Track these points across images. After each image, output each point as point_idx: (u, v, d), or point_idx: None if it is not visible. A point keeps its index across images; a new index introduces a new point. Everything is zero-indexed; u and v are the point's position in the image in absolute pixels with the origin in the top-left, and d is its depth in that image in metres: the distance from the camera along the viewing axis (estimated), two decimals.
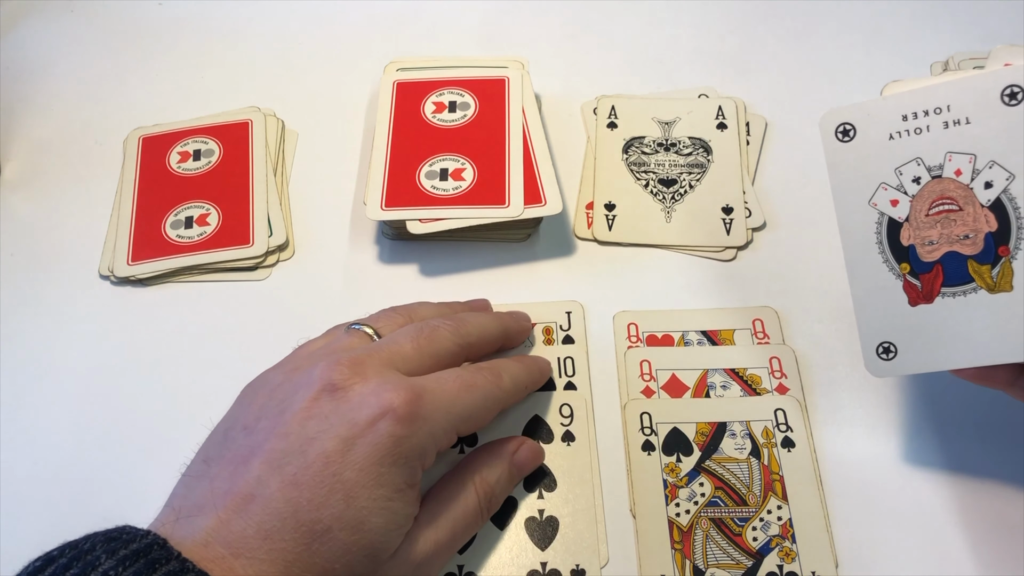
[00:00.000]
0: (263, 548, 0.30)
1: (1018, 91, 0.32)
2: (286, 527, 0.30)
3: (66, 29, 0.61)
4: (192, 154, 0.53)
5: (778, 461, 0.40)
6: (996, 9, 0.58)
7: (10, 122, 0.56)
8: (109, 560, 0.28)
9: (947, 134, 0.33)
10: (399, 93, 0.52)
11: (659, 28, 0.59)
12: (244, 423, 0.34)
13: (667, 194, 0.50)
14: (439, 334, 0.37)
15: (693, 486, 0.39)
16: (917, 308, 0.34)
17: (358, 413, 0.32)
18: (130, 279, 0.48)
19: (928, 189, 0.34)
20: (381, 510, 0.31)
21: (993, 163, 0.32)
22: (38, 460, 0.43)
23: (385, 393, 0.32)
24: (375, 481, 0.31)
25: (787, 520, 0.38)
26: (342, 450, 0.31)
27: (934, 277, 0.34)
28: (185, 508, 0.32)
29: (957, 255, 0.33)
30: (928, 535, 0.38)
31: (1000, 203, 0.33)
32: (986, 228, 0.33)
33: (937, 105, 0.33)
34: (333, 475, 0.31)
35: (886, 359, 0.35)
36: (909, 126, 0.33)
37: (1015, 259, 0.32)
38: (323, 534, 0.30)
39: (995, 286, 0.33)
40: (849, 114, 0.34)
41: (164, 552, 0.28)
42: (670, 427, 0.41)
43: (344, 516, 0.30)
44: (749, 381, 0.42)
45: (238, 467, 0.32)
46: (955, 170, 0.33)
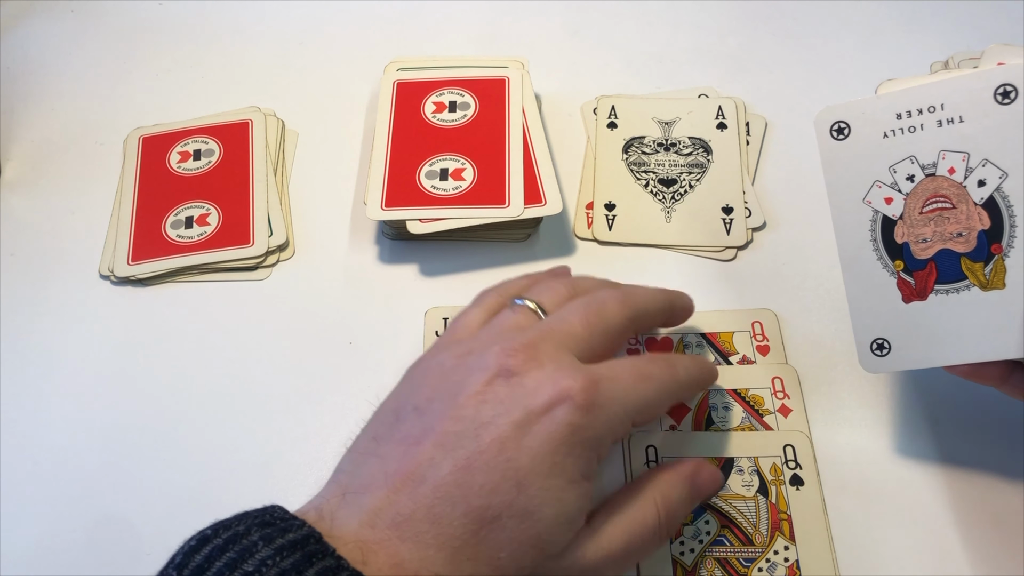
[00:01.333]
0: (431, 532, 0.29)
1: (1011, 90, 0.32)
2: (456, 512, 0.29)
3: (66, 29, 0.61)
4: (192, 154, 0.53)
5: (786, 500, 0.39)
6: (996, 9, 0.58)
7: (10, 122, 0.56)
8: (266, 548, 0.27)
9: (941, 132, 0.33)
10: (399, 93, 0.52)
11: (659, 28, 0.59)
12: (415, 404, 0.33)
13: (667, 194, 0.50)
14: (608, 309, 0.35)
15: (699, 524, 0.39)
16: (911, 305, 0.34)
17: (534, 399, 0.31)
18: (130, 279, 0.48)
19: (922, 187, 0.34)
20: (554, 500, 0.30)
21: (986, 161, 0.32)
22: (38, 460, 0.43)
23: (562, 380, 0.31)
24: (549, 470, 0.30)
25: (794, 562, 0.38)
26: (517, 436, 0.30)
27: (928, 274, 0.34)
28: (353, 485, 0.31)
29: (950, 253, 0.34)
30: (942, 568, 0.38)
31: (993, 201, 0.33)
32: (979, 226, 0.33)
33: (931, 104, 0.33)
34: (507, 461, 0.30)
35: (880, 355, 0.35)
36: (903, 124, 0.34)
37: (1008, 257, 0.32)
38: (492, 521, 0.29)
39: (988, 283, 0.33)
40: (844, 112, 0.35)
41: (320, 546, 0.28)
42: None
43: (515, 504, 0.29)
44: (751, 402, 0.42)
45: (409, 447, 0.31)
46: (948, 168, 0.33)
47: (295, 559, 0.27)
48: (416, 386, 0.34)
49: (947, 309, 0.34)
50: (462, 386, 0.32)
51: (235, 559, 0.27)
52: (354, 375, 0.44)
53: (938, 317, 0.34)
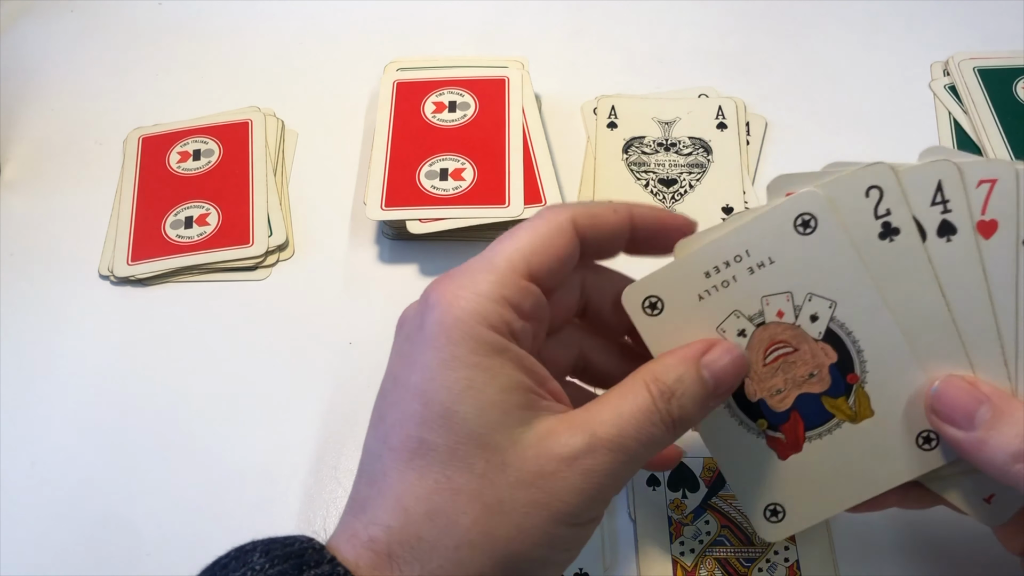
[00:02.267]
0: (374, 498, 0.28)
1: (809, 218, 0.30)
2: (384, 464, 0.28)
3: (66, 29, 0.61)
4: (192, 154, 0.53)
5: None
6: (996, 9, 0.58)
7: (10, 122, 0.56)
8: (262, 558, 0.27)
9: (755, 279, 0.31)
10: (399, 93, 0.52)
11: (659, 28, 0.59)
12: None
13: (667, 194, 0.50)
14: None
15: (699, 524, 0.39)
16: (790, 460, 0.32)
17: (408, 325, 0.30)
18: (130, 279, 0.48)
19: (756, 339, 0.32)
20: (462, 390, 0.27)
21: (811, 295, 0.31)
22: (38, 460, 0.43)
23: (424, 294, 0.30)
24: (441, 368, 0.28)
25: (794, 562, 0.38)
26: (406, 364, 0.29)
27: (794, 425, 0.32)
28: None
29: (809, 396, 0.32)
30: (940, 571, 0.38)
31: (832, 332, 0.31)
32: (827, 361, 0.31)
33: (736, 253, 0.31)
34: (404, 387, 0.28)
35: (777, 521, 0.33)
36: (715, 281, 0.31)
37: (866, 383, 0.31)
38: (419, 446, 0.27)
39: (857, 415, 0.31)
40: (650, 286, 0.32)
41: (317, 555, 0.27)
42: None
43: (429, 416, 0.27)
44: None
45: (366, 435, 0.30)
46: (777, 312, 0.31)
47: (286, 567, 0.26)
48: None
49: (828, 453, 0.32)
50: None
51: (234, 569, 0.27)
52: (354, 375, 0.44)
53: (821, 464, 0.32)
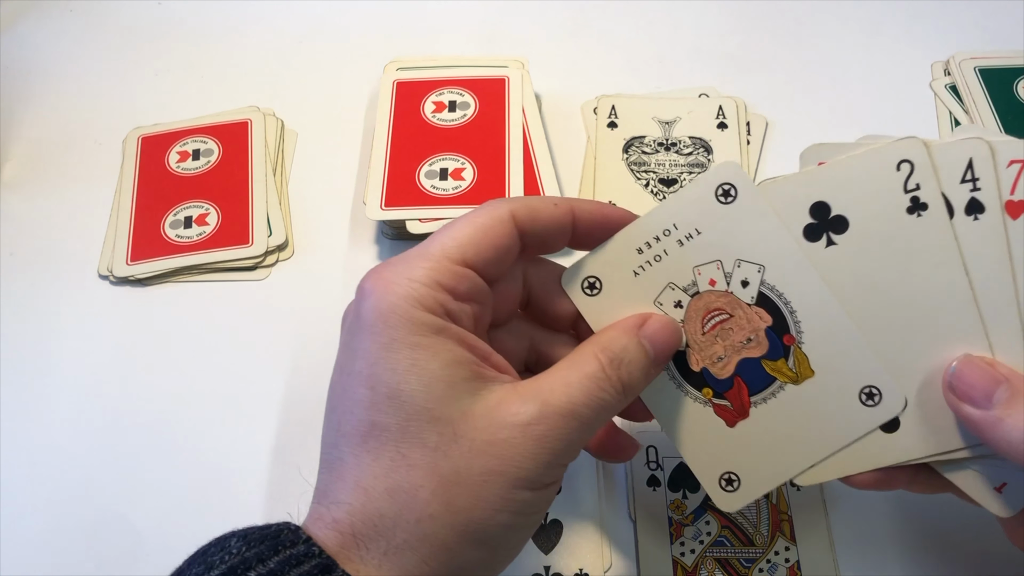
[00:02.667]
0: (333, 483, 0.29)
1: (728, 187, 0.31)
2: (340, 451, 0.29)
3: (66, 29, 0.61)
4: (191, 154, 0.53)
5: (787, 500, 0.39)
6: (996, 9, 0.58)
7: (10, 122, 0.56)
8: (239, 542, 0.27)
9: (685, 251, 0.32)
10: (399, 93, 0.52)
11: (659, 28, 0.59)
12: None
13: (667, 194, 0.50)
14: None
15: (699, 524, 0.39)
16: (738, 427, 0.33)
17: (347, 318, 0.31)
18: (129, 279, 0.48)
19: (693, 308, 0.32)
20: (405, 370, 0.28)
21: (740, 261, 0.31)
22: (38, 460, 0.43)
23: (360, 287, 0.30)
24: (382, 352, 0.28)
25: (795, 562, 0.38)
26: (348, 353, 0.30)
27: (739, 391, 0.32)
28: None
29: (750, 361, 0.32)
30: (942, 569, 0.38)
31: (764, 296, 0.31)
32: (763, 324, 0.32)
33: (664, 227, 0.32)
34: (349, 375, 0.29)
35: (733, 490, 0.33)
36: (647, 256, 0.32)
37: (803, 344, 0.31)
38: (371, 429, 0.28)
39: (798, 376, 0.32)
40: (587, 268, 0.33)
41: (293, 536, 0.27)
42: (677, 462, 0.40)
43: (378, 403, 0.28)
44: None
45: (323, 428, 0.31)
46: (709, 280, 0.32)
47: (262, 548, 0.27)
48: None
49: (775, 417, 0.32)
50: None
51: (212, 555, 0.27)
52: None
53: (770, 428, 0.32)
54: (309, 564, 0.26)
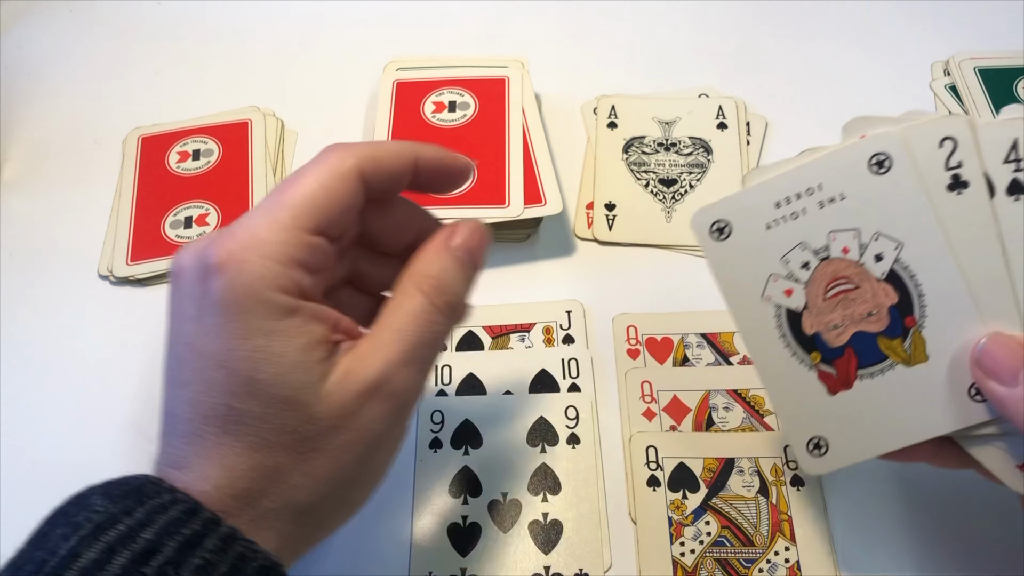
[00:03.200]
0: (193, 457, 0.28)
1: (884, 158, 0.30)
2: (198, 428, 0.28)
3: (66, 29, 0.61)
4: (191, 154, 0.53)
5: (787, 500, 0.39)
6: (996, 9, 0.58)
7: (10, 122, 0.56)
8: (102, 499, 0.27)
9: (824, 213, 0.31)
10: (399, 93, 0.52)
11: (659, 28, 0.59)
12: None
13: (667, 194, 0.50)
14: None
15: (699, 524, 0.39)
16: (838, 396, 0.32)
17: (191, 287, 0.29)
18: (129, 279, 0.48)
19: (819, 272, 0.32)
20: (262, 356, 0.28)
21: (878, 234, 0.31)
22: (38, 460, 0.43)
23: (199, 255, 0.29)
24: (237, 335, 0.28)
25: (795, 562, 0.38)
26: (198, 329, 0.29)
27: (847, 361, 0.32)
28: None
29: (865, 334, 0.32)
30: (942, 569, 0.38)
31: (895, 274, 0.31)
32: (887, 301, 0.31)
33: (808, 186, 0.31)
34: (202, 356, 0.28)
35: (819, 455, 0.33)
36: (784, 212, 0.32)
37: (923, 328, 0.31)
38: (228, 414, 0.28)
39: (911, 358, 0.31)
40: (720, 211, 0.33)
41: (155, 487, 0.28)
42: (676, 462, 0.40)
43: (233, 385, 0.28)
44: (752, 402, 0.42)
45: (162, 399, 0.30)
46: (842, 248, 0.31)
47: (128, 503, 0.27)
48: None
49: (876, 393, 0.32)
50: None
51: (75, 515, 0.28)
52: None
53: (869, 403, 0.32)
54: (176, 510, 0.27)
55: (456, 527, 0.39)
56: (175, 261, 0.30)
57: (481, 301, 0.45)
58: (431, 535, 0.39)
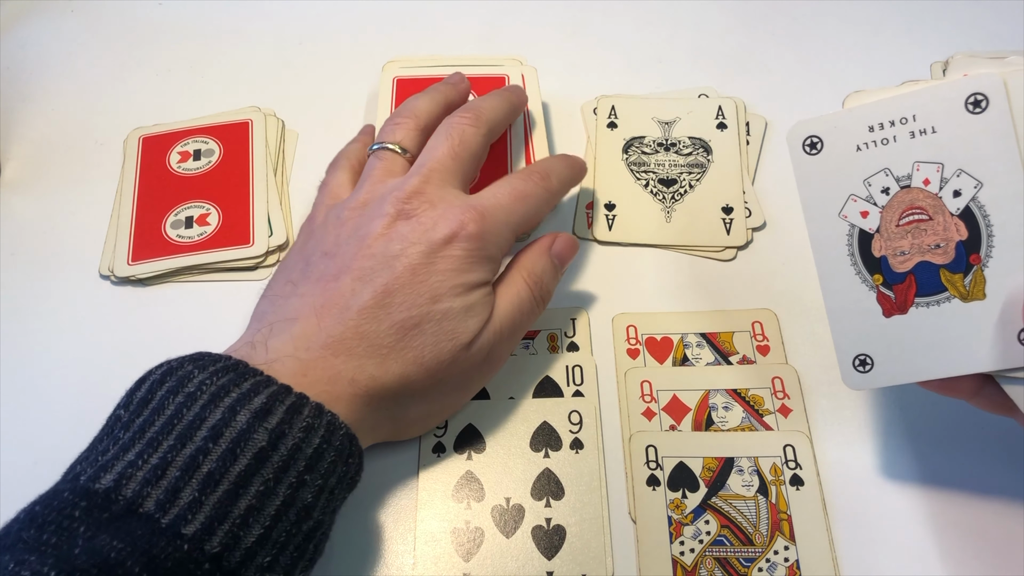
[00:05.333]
0: (361, 346, 0.35)
1: (982, 99, 0.31)
2: (382, 326, 0.35)
3: (66, 29, 0.61)
4: (192, 154, 0.53)
5: (786, 500, 0.39)
6: (996, 9, 0.58)
7: (10, 122, 0.56)
8: (202, 373, 0.32)
9: (914, 144, 0.33)
10: (399, 90, 0.52)
11: (659, 28, 0.59)
12: (324, 250, 0.38)
13: (667, 194, 0.50)
14: (466, 134, 0.41)
15: (699, 524, 0.39)
16: (892, 319, 0.34)
17: (434, 233, 0.37)
18: (130, 279, 0.48)
19: (897, 199, 0.33)
20: (463, 307, 0.36)
21: (961, 171, 0.32)
22: (38, 460, 0.43)
23: (455, 215, 0.37)
24: (454, 284, 0.36)
25: (794, 562, 0.38)
26: (425, 263, 0.36)
27: (907, 287, 0.34)
28: (279, 320, 0.36)
29: (929, 265, 0.33)
30: (941, 569, 0.38)
31: (969, 211, 0.32)
32: (956, 237, 0.33)
33: (903, 115, 0.33)
34: (420, 283, 0.36)
35: (863, 371, 0.34)
36: (876, 137, 0.33)
37: (986, 267, 0.32)
38: (414, 327, 0.35)
39: (968, 295, 0.33)
40: (816, 126, 0.34)
41: (248, 369, 0.32)
42: (676, 461, 0.40)
43: (432, 312, 0.36)
44: (751, 402, 0.42)
45: (328, 283, 0.36)
46: (923, 179, 0.33)
47: (228, 378, 0.31)
48: (319, 238, 0.39)
49: (928, 322, 0.33)
50: (368, 230, 0.37)
51: (175, 386, 0.31)
52: None
53: (920, 330, 0.33)
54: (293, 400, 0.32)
55: (459, 532, 0.39)
56: (403, 200, 0.38)
57: None
58: (434, 539, 0.39)
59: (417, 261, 0.36)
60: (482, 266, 0.38)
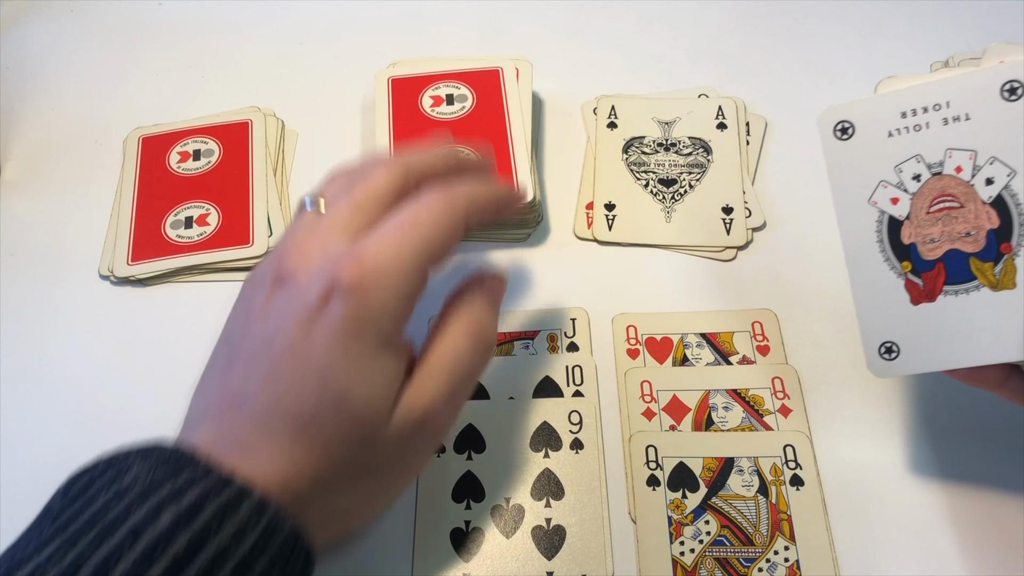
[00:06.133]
0: (261, 446, 0.30)
1: (1018, 86, 0.31)
2: (274, 422, 0.30)
3: (66, 29, 0.61)
4: (192, 154, 0.53)
5: (786, 500, 0.39)
6: (996, 9, 0.58)
7: (10, 122, 0.56)
8: (140, 465, 0.29)
9: (947, 131, 0.32)
10: (395, 89, 0.52)
11: (659, 28, 0.59)
12: (225, 336, 0.35)
13: (667, 194, 0.50)
14: (372, 175, 0.34)
15: (699, 524, 0.39)
16: (919, 307, 0.33)
17: (308, 297, 0.31)
18: (130, 279, 0.48)
19: (928, 186, 0.33)
20: (359, 380, 0.31)
21: (994, 159, 0.32)
22: (38, 460, 0.43)
23: (328, 270, 0.31)
24: (343, 355, 0.30)
25: (794, 562, 0.38)
26: (303, 337, 0.31)
27: (936, 275, 0.33)
28: (190, 421, 0.33)
29: (959, 253, 0.33)
30: (941, 569, 0.38)
31: (1001, 199, 0.32)
32: (988, 225, 0.32)
33: (936, 102, 0.32)
34: (302, 362, 0.30)
35: (888, 359, 0.34)
36: (908, 123, 0.33)
37: (1018, 256, 0.32)
38: (310, 421, 0.30)
39: (998, 283, 0.32)
40: (848, 112, 0.34)
41: (187, 460, 0.29)
42: (676, 461, 0.40)
43: (324, 397, 0.30)
44: (751, 402, 0.42)
45: (223, 374, 0.33)
46: (955, 167, 0.33)
47: (165, 470, 0.29)
48: (228, 320, 0.36)
49: (956, 310, 0.33)
50: (250, 305, 0.33)
51: (112, 477, 0.29)
52: None
53: (947, 319, 0.33)
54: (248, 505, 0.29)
55: (459, 532, 0.39)
56: (282, 261, 0.33)
57: None
58: (434, 540, 0.39)
59: (293, 336, 0.31)
60: (373, 324, 0.31)
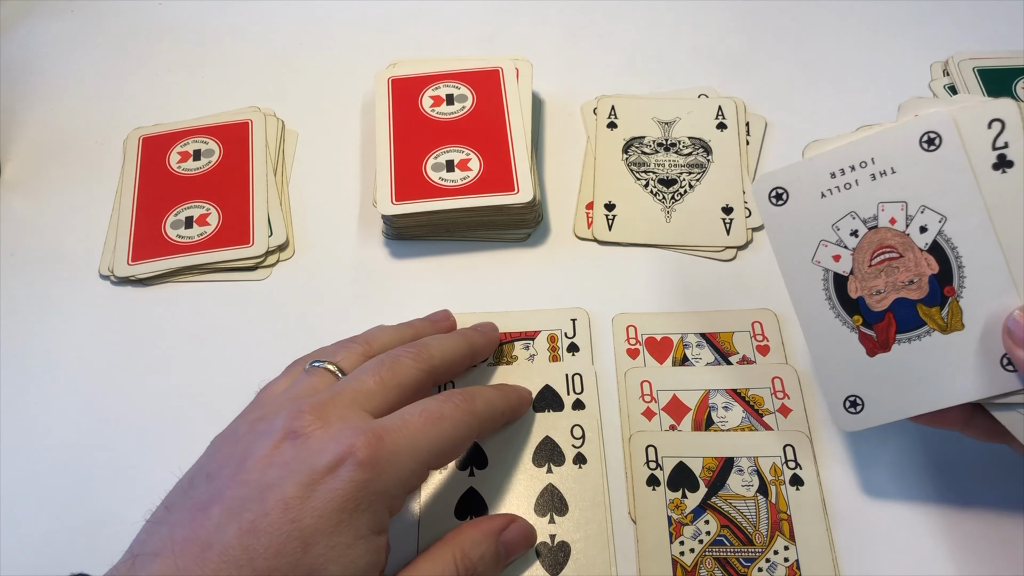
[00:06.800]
0: None
1: (935, 136, 0.32)
2: (242, 573, 0.29)
3: (66, 29, 0.61)
4: (192, 154, 0.53)
5: (786, 500, 0.39)
6: (996, 9, 0.58)
7: (10, 122, 0.56)
8: None
9: (876, 185, 0.34)
10: (395, 89, 0.52)
11: (659, 28, 0.59)
12: (207, 471, 0.33)
13: (667, 194, 0.50)
14: (401, 364, 0.36)
15: (698, 524, 0.39)
16: (876, 358, 0.34)
17: (318, 459, 0.31)
18: (130, 279, 0.48)
19: (867, 240, 0.34)
20: (339, 558, 0.30)
21: (924, 207, 0.33)
22: (38, 460, 0.43)
23: (346, 438, 0.31)
24: (335, 528, 0.30)
25: (794, 562, 0.38)
26: (302, 496, 0.30)
27: (887, 325, 0.34)
28: (143, 554, 0.31)
29: (906, 301, 0.34)
30: (941, 568, 0.38)
31: (937, 245, 0.33)
32: (928, 271, 0.33)
33: (862, 159, 0.34)
34: (291, 522, 0.30)
35: (854, 412, 0.35)
36: (839, 182, 0.34)
37: (961, 298, 0.33)
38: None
39: (947, 326, 0.33)
40: (779, 178, 0.35)
41: None
42: (676, 461, 0.40)
43: (301, 564, 0.29)
44: (751, 402, 0.42)
45: (197, 514, 0.31)
46: (889, 219, 0.34)
47: None
48: (211, 454, 0.34)
49: (912, 357, 0.34)
50: (250, 450, 0.32)
51: None
52: None
53: (904, 367, 0.34)
54: None
55: None
56: (298, 416, 0.33)
57: (483, 307, 0.46)
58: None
59: (292, 494, 0.30)
60: (372, 506, 0.31)
